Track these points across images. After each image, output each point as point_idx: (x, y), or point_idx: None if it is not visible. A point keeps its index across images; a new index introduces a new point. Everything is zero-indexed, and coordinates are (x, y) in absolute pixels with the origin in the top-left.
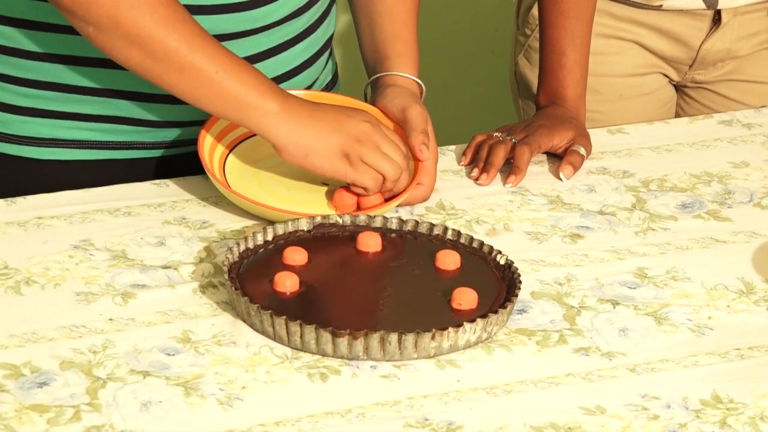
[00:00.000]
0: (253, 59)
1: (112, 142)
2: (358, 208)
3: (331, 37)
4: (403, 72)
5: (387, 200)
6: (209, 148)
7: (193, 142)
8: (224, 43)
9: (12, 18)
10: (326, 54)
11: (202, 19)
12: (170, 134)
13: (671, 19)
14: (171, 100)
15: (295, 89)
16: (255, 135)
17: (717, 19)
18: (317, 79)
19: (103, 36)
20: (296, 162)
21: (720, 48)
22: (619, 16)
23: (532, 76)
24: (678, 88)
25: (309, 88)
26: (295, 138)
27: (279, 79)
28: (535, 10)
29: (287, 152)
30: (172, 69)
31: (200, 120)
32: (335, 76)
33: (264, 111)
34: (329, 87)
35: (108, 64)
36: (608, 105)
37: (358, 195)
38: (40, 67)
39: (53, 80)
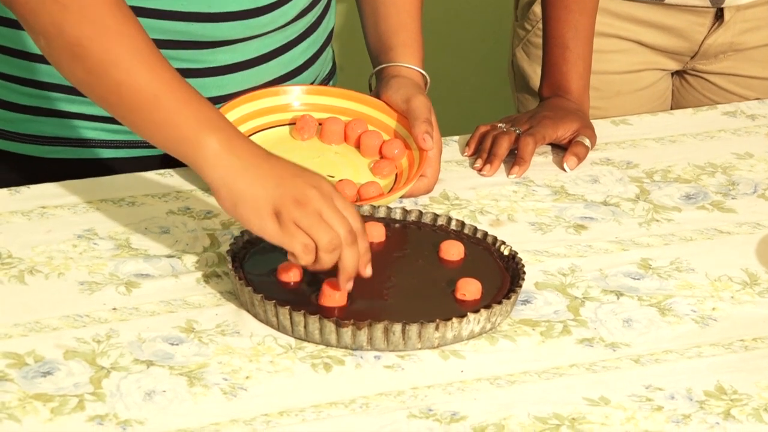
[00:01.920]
0: (257, 61)
1: (115, 141)
2: (359, 200)
3: (332, 30)
4: (408, 63)
5: (390, 191)
6: None
7: None
8: (227, 48)
9: (17, 20)
10: (328, 48)
11: (209, 27)
12: None
13: (673, 15)
14: None
15: (299, 85)
16: (261, 130)
17: (719, 15)
18: (318, 73)
19: (50, 48)
20: (225, 208)
21: (723, 42)
22: (619, 14)
23: (530, 69)
24: (678, 72)
25: (312, 83)
26: (228, 182)
27: (283, 79)
28: (536, 7)
29: (218, 196)
30: (111, 86)
31: None
32: (334, 64)
33: (200, 146)
34: (328, 78)
35: None
36: (606, 101)
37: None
38: (45, 68)
39: (58, 81)
